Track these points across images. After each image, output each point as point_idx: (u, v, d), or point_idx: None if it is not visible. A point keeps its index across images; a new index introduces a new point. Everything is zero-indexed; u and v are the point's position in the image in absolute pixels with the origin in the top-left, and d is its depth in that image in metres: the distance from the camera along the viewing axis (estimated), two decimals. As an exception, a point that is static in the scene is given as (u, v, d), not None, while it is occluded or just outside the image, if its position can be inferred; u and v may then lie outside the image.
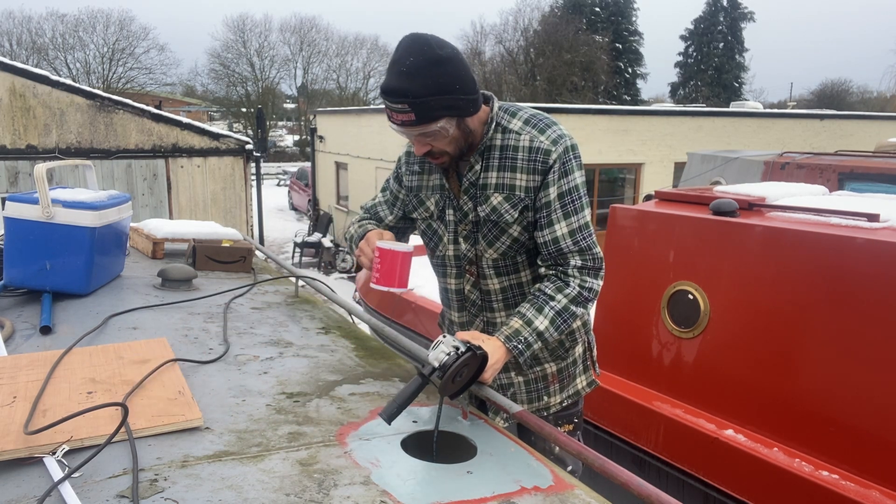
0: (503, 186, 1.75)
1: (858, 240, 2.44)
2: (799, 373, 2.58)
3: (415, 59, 1.55)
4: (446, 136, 1.66)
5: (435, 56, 1.56)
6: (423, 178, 1.91)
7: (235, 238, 3.38)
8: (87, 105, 10.22)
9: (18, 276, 2.51)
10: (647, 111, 16.41)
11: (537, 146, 1.72)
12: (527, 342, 1.68)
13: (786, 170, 6.42)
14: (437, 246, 1.94)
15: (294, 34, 42.64)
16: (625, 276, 3.33)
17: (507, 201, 1.76)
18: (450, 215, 1.85)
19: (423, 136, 1.65)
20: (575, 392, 2.03)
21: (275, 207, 24.18)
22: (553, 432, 1.48)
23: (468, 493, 1.31)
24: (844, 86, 46.93)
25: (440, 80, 1.56)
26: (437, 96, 1.57)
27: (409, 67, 1.55)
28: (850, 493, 2.31)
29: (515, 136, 1.75)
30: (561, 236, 1.74)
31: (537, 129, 1.75)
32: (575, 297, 1.73)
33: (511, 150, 1.74)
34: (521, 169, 1.73)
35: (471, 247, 1.86)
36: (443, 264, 1.95)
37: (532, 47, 37.61)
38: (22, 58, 33.14)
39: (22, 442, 1.36)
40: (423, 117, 1.59)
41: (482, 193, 1.78)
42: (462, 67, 1.62)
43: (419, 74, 1.55)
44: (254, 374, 1.89)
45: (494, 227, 1.79)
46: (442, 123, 1.62)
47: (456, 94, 1.60)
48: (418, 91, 1.55)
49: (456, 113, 1.63)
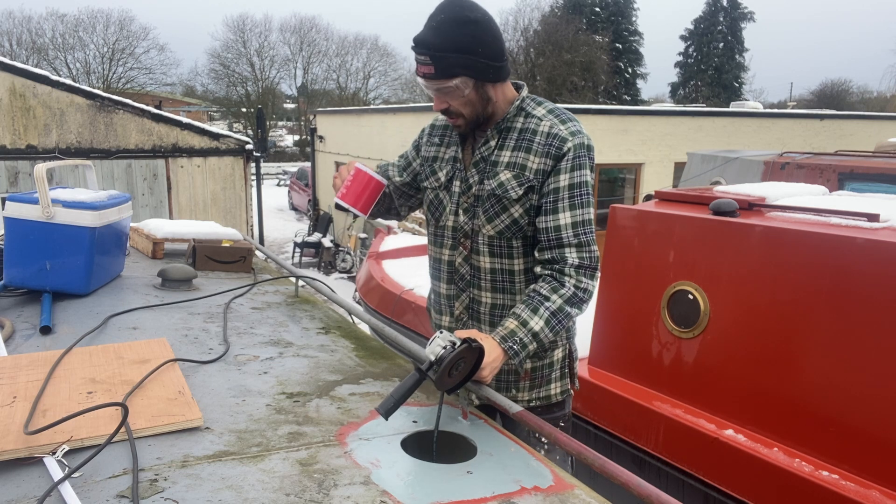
0: (515, 165, 1.79)
1: (858, 240, 2.44)
2: (799, 373, 2.58)
3: (445, 15, 1.63)
4: (462, 96, 1.71)
5: (463, 16, 1.63)
6: (440, 150, 1.97)
7: (235, 238, 3.38)
8: (87, 105, 10.22)
9: (18, 276, 2.51)
10: (647, 111, 16.41)
11: (556, 133, 1.77)
12: (522, 343, 1.68)
13: (786, 170, 6.42)
14: (440, 216, 1.97)
15: (294, 34, 42.67)
16: (625, 276, 3.33)
17: (515, 179, 1.79)
18: (455, 186, 1.90)
19: (440, 91, 1.71)
20: (546, 395, 2.00)
21: (275, 207, 24.18)
22: (553, 432, 1.48)
23: (468, 493, 1.31)
24: (844, 86, 46.94)
25: (463, 38, 1.63)
26: (457, 54, 1.63)
27: (437, 22, 1.63)
28: (850, 493, 2.31)
29: (537, 121, 1.80)
30: (564, 225, 1.76)
31: (559, 119, 1.80)
32: (570, 298, 1.74)
33: (530, 133, 1.79)
34: (536, 151, 1.77)
35: (469, 220, 1.89)
36: (441, 234, 1.99)
37: (532, 47, 37.60)
38: (22, 58, 33.15)
39: (22, 442, 1.36)
40: (441, 72, 1.65)
41: (491, 169, 1.82)
42: (490, 33, 1.67)
43: (444, 30, 1.63)
44: (254, 374, 1.89)
45: (497, 203, 1.82)
46: (458, 81, 1.67)
47: (476, 55, 1.65)
48: (440, 45, 1.63)
49: (473, 74, 1.68)
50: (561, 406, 2.05)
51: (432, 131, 2.04)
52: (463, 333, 1.59)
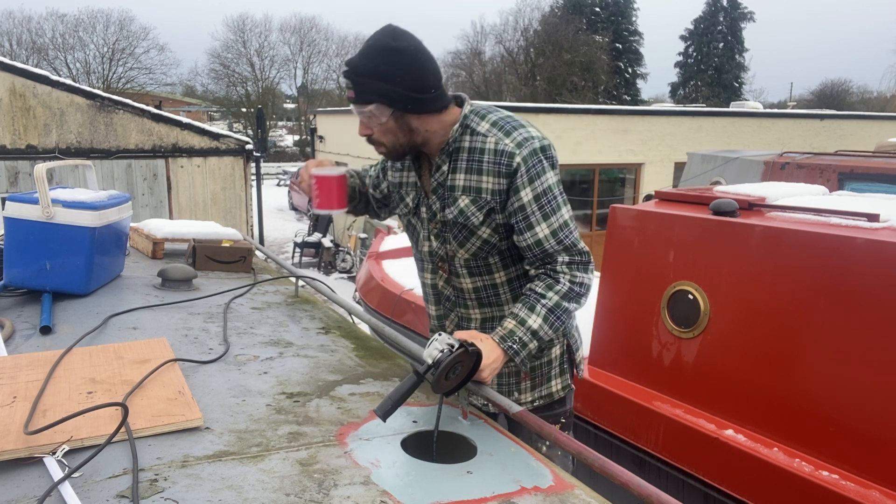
0: (470, 189, 1.76)
1: (858, 240, 2.44)
2: (799, 373, 2.58)
3: (372, 41, 1.66)
4: (380, 124, 1.71)
5: (386, 44, 1.64)
6: (402, 175, 1.95)
7: (235, 238, 3.38)
8: (87, 105, 10.22)
9: (18, 276, 2.51)
10: (647, 111, 16.41)
11: (502, 149, 1.72)
12: (521, 342, 1.67)
13: (786, 170, 6.43)
14: (416, 241, 1.98)
15: (294, 34, 42.66)
16: (625, 276, 3.33)
17: (473, 204, 1.77)
18: (423, 212, 1.89)
19: (361, 115, 1.72)
20: (548, 394, 2.00)
21: (275, 207, 24.17)
22: (554, 432, 1.48)
23: (468, 493, 1.31)
24: (844, 86, 46.94)
25: (383, 66, 1.63)
26: (375, 80, 1.64)
27: (365, 47, 1.66)
28: (850, 493, 2.31)
29: (482, 139, 1.75)
30: (544, 238, 1.73)
31: (503, 131, 1.74)
32: (566, 293, 1.72)
33: (477, 153, 1.75)
34: (487, 171, 1.74)
35: (441, 245, 1.88)
36: (420, 259, 1.99)
37: (532, 47, 37.60)
38: (22, 58, 33.13)
39: (22, 442, 1.36)
40: (359, 96, 1.67)
41: (450, 195, 1.80)
42: (415, 63, 1.66)
43: (367, 55, 1.65)
44: (254, 374, 1.89)
45: (463, 229, 1.81)
46: (373, 108, 1.67)
47: (394, 84, 1.64)
48: (360, 70, 1.65)
49: (388, 102, 1.67)
50: (562, 402, 2.05)
51: None
52: (464, 335, 1.59)
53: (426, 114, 1.72)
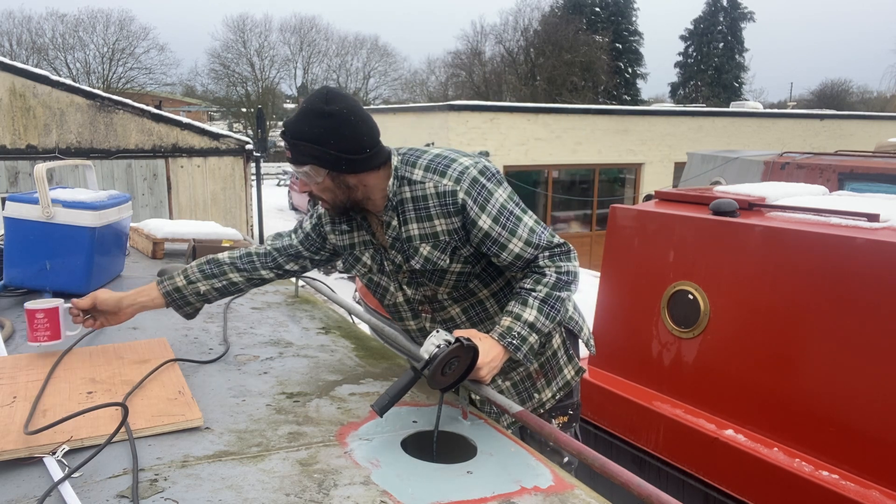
0: (427, 236, 1.77)
1: (858, 240, 2.44)
2: (799, 373, 2.58)
3: (306, 105, 1.68)
4: (317, 183, 1.72)
5: (319, 108, 1.65)
6: (353, 236, 1.90)
7: (235, 238, 3.38)
8: (87, 105, 10.21)
9: (18, 276, 2.51)
10: (647, 111, 16.41)
11: (442, 190, 1.72)
12: (521, 336, 1.67)
13: (786, 170, 6.43)
14: (384, 296, 1.95)
15: (294, 34, 42.64)
16: (625, 276, 3.33)
17: (435, 249, 1.77)
18: (387, 267, 1.87)
19: (301, 176, 1.73)
20: (565, 383, 2.05)
21: (275, 207, 24.17)
22: (553, 432, 1.48)
23: (468, 493, 1.31)
24: (844, 86, 46.93)
25: (314, 130, 1.65)
26: (307, 143, 1.66)
27: (299, 111, 1.69)
28: (850, 493, 2.31)
29: (420, 186, 1.75)
30: (520, 251, 1.74)
31: (437, 172, 1.74)
32: (555, 283, 1.73)
33: (421, 201, 1.75)
34: (437, 215, 1.74)
35: (416, 290, 1.87)
36: (396, 311, 1.96)
37: (532, 47, 37.60)
38: (22, 58, 33.11)
39: (22, 442, 1.36)
40: (295, 158, 1.70)
41: (409, 246, 1.79)
42: (346, 126, 1.67)
43: (300, 120, 1.67)
44: (254, 374, 1.89)
45: (435, 272, 1.81)
46: (307, 169, 1.69)
47: (327, 146, 1.65)
48: (294, 133, 1.67)
49: (321, 164, 1.68)
50: (570, 395, 2.09)
51: (333, 219, 1.94)
52: (461, 333, 1.59)
53: (362, 172, 1.72)
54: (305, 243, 2.00)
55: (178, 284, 1.96)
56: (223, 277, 1.98)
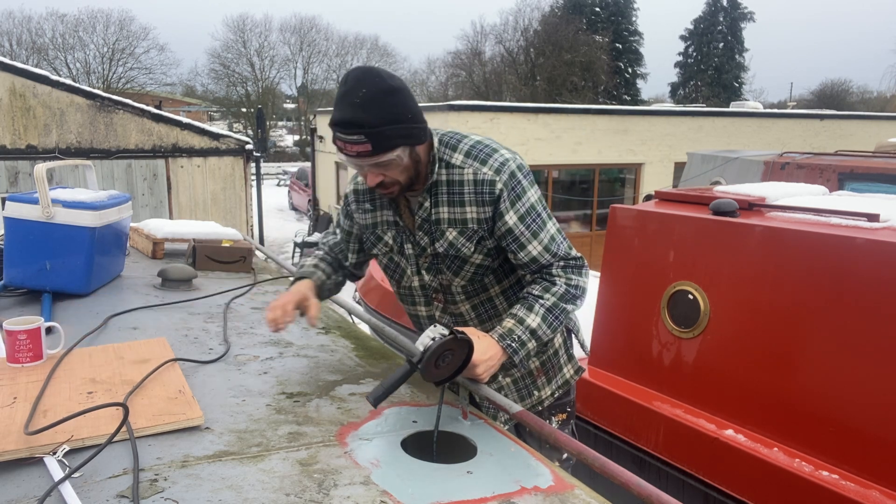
0: (455, 221, 1.76)
1: (858, 240, 2.44)
2: (799, 373, 2.58)
3: (367, 90, 1.56)
4: (400, 165, 1.66)
5: (387, 86, 1.57)
6: (376, 215, 1.90)
7: (235, 238, 3.38)
8: (87, 105, 10.22)
9: (18, 276, 2.51)
10: (647, 111, 16.41)
11: (481, 178, 1.72)
12: (520, 340, 1.68)
13: (786, 170, 6.43)
14: (401, 278, 1.94)
15: (294, 34, 42.68)
16: (625, 276, 3.33)
17: (461, 235, 1.77)
18: (409, 249, 1.86)
19: (377, 166, 1.64)
20: (564, 382, 2.06)
21: (275, 207, 24.17)
22: (553, 432, 1.48)
23: (468, 493, 1.31)
24: (844, 86, 46.94)
25: (394, 109, 1.58)
26: (393, 125, 1.58)
27: (362, 98, 1.55)
28: (850, 493, 2.31)
29: (459, 171, 1.74)
30: (538, 254, 1.75)
31: (479, 160, 1.74)
32: (563, 294, 1.74)
33: (457, 185, 1.74)
34: (470, 202, 1.74)
35: (434, 277, 1.87)
36: (410, 294, 1.96)
37: (532, 47, 37.60)
38: (22, 58, 33.13)
39: (22, 442, 1.36)
40: (380, 147, 1.59)
41: (437, 228, 1.78)
42: (411, 97, 1.64)
43: (373, 104, 1.56)
44: (254, 374, 1.89)
45: (456, 259, 1.81)
46: (398, 152, 1.62)
47: (409, 122, 1.61)
48: (374, 121, 1.56)
49: (411, 141, 1.65)
50: (567, 393, 2.11)
51: (358, 197, 1.94)
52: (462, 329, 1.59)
53: (425, 140, 1.72)
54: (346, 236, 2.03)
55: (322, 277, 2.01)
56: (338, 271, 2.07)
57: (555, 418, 2.06)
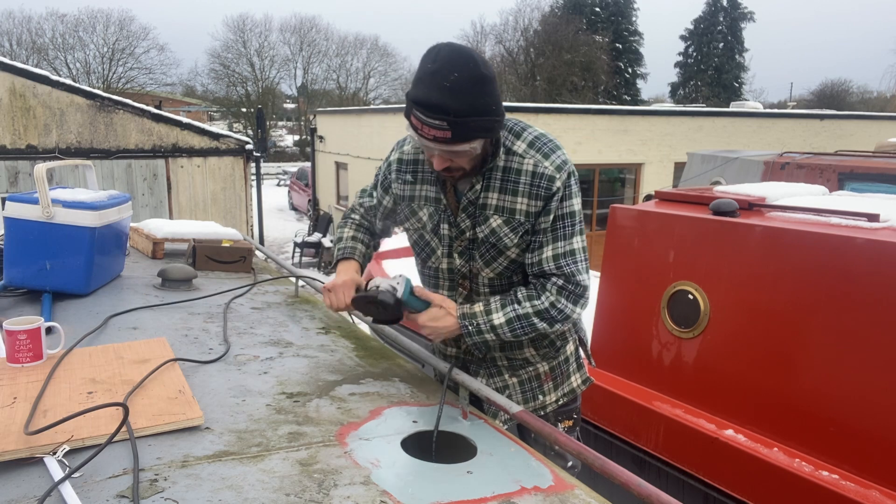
0: (503, 209, 1.72)
1: (858, 240, 2.44)
2: (799, 373, 2.58)
3: (459, 74, 1.47)
4: (472, 154, 1.61)
5: (480, 74, 1.49)
6: (415, 188, 1.84)
7: (235, 238, 3.38)
8: (87, 105, 10.21)
9: (18, 276, 2.51)
10: (647, 111, 16.41)
11: (541, 171, 1.68)
12: (478, 328, 1.73)
13: (786, 170, 6.42)
14: (429, 258, 1.90)
15: (294, 34, 42.67)
16: (625, 276, 3.33)
17: (506, 225, 1.73)
18: (444, 230, 1.81)
19: (450, 153, 1.59)
20: (570, 390, 2.04)
21: (275, 207, 24.18)
22: (553, 432, 1.48)
23: (468, 493, 1.31)
24: (844, 86, 46.94)
25: (483, 99, 1.51)
26: (478, 117, 1.51)
27: (452, 83, 1.46)
28: (850, 493, 2.31)
29: (519, 160, 1.69)
30: (545, 258, 1.73)
31: (542, 153, 1.70)
32: (540, 311, 1.72)
33: (514, 174, 1.69)
34: (523, 193, 1.69)
35: (465, 262, 1.83)
36: (435, 276, 1.91)
37: (532, 47, 37.62)
38: (22, 58, 33.13)
39: (22, 442, 1.36)
40: (460, 136, 1.52)
41: (481, 213, 1.74)
42: (498, 85, 1.57)
43: (463, 91, 1.47)
44: (254, 374, 1.89)
45: (492, 248, 1.77)
46: (475, 144, 1.57)
47: (493, 115, 1.55)
48: (461, 109, 1.48)
49: (491, 135, 1.60)
50: (574, 400, 2.09)
51: (401, 167, 1.86)
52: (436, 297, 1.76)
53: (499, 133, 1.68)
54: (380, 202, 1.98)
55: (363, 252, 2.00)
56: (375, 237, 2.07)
57: (561, 425, 2.04)
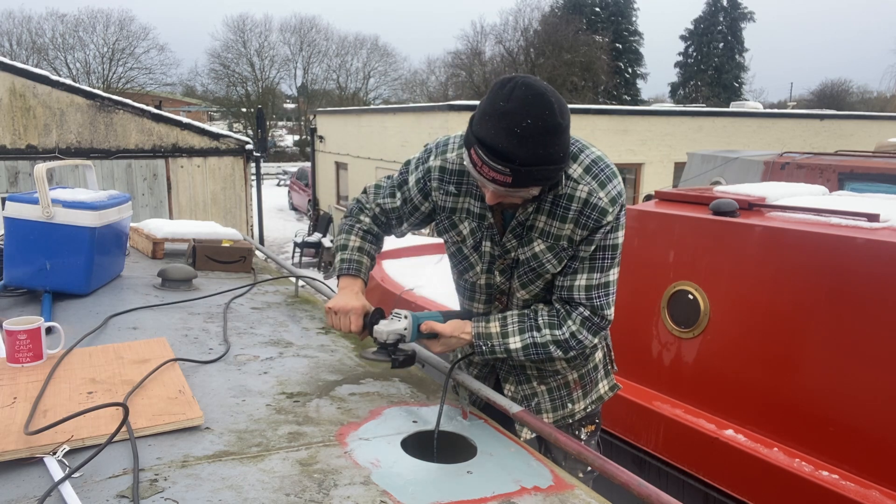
0: (548, 235, 1.65)
1: (858, 240, 2.44)
2: (799, 373, 2.58)
3: (532, 122, 1.38)
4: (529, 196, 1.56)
5: (555, 124, 1.41)
6: (458, 200, 1.73)
7: (235, 238, 3.38)
8: (87, 105, 10.21)
9: (18, 276, 2.51)
10: (647, 111, 16.41)
11: (595, 202, 1.59)
12: (492, 348, 1.71)
13: (786, 170, 6.42)
14: (466, 271, 1.83)
15: (294, 34, 42.67)
16: (625, 276, 3.32)
17: (549, 251, 1.66)
18: (487, 247, 1.74)
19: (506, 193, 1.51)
20: (598, 397, 2.02)
21: (275, 207, 24.17)
22: (553, 432, 1.48)
23: (468, 493, 1.31)
24: (844, 86, 46.94)
25: (552, 149, 1.42)
26: (543, 166, 1.43)
27: (523, 130, 1.38)
28: (850, 493, 2.31)
29: (573, 185, 1.60)
30: (577, 286, 1.68)
31: (598, 181, 1.60)
32: (559, 342, 1.69)
33: (566, 199, 1.60)
34: (572, 220, 1.61)
35: (506, 280, 1.78)
36: (472, 289, 1.86)
37: (532, 47, 37.62)
38: (22, 58, 33.14)
39: (22, 442, 1.36)
40: (520, 183, 1.45)
41: (527, 235, 1.68)
42: (569, 135, 1.49)
43: (533, 141, 1.39)
44: (254, 374, 1.89)
45: (532, 272, 1.72)
46: (535, 190, 1.52)
47: (559, 164, 1.46)
48: (527, 159, 1.40)
49: (552, 182, 1.53)
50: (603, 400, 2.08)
51: (443, 176, 1.72)
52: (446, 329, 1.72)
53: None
54: (406, 203, 1.81)
55: (368, 267, 1.85)
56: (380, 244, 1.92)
57: (584, 430, 2.01)
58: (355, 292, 1.77)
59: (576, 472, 1.78)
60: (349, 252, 1.83)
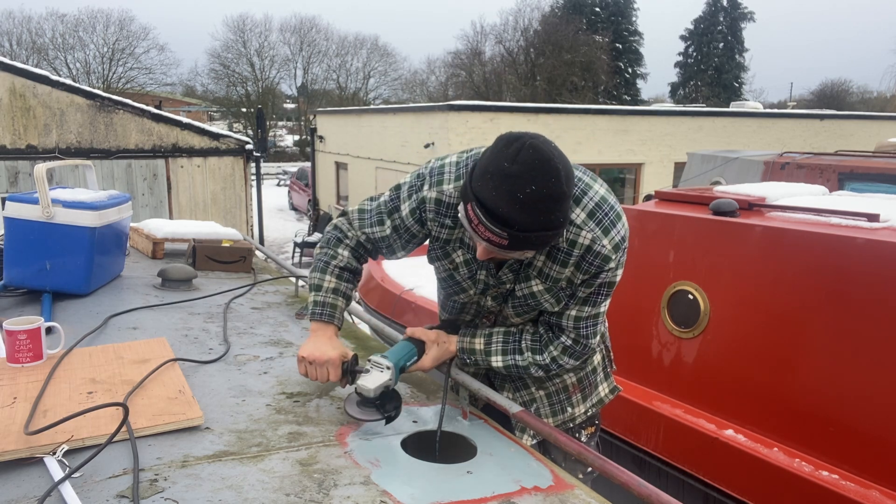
0: (547, 276, 1.62)
1: (858, 240, 2.44)
2: (799, 373, 2.58)
3: (537, 188, 1.33)
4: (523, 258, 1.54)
5: (559, 192, 1.35)
6: (454, 232, 1.68)
7: (235, 238, 3.38)
8: (87, 105, 10.22)
9: (18, 276, 2.51)
10: (647, 111, 16.41)
11: (597, 250, 1.55)
12: (475, 362, 1.76)
13: (786, 170, 6.42)
14: (457, 293, 1.81)
15: (294, 34, 42.68)
16: (625, 276, 3.32)
17: (548, 292, 1.64)
18: (481, 276, 1.71)
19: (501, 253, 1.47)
20: (598, 401, 2.01)
21: (275, 207, 24.16)
22: (553, 432, 1.48)
23: (468, 493, 1.31)
24: (844, 86, 46.95)
25: (552, 216, 1.37)
26: (542, 232, 1.38)
27: (527, 197, 1.32)
28: (850, 493, 2.31)
29: (576, 231, 1.54)
30: (567, 315, 1.68)
31: (601, 227, 1.54)
32: (540, 365, 1.73)
33: (567, 244, 1.55)
34: (572, 265, 1.58)
35: (497, 305, 1.77)
36: (461, 308, 1.84)
37: (532, 47, 37.62)
38: (22, 58, 33.15)
39: (22, 442, 1.36)
40: (516, 246, 1.41)
41: (524, 272, 1.64)
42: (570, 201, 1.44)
43: (535, 208, 1.34)
44: (254, 374, 1.89)
45: (526, 305, 1.71)
46: (529, 254, 1.48)
47: (558, 228, 1.41)
48: (527, 226, 1.36)
49: (546, 247, 1.50)
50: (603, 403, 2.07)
51: (440, 209, 1.65)
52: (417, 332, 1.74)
53: None
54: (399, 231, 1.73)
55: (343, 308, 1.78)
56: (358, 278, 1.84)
57: (584, 432, 2.01)
58: (329, 337, 1.69)
59: (576, 473, 1.78)
60: (323, 294, 1.74)
